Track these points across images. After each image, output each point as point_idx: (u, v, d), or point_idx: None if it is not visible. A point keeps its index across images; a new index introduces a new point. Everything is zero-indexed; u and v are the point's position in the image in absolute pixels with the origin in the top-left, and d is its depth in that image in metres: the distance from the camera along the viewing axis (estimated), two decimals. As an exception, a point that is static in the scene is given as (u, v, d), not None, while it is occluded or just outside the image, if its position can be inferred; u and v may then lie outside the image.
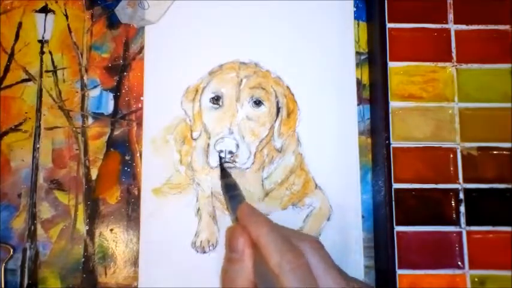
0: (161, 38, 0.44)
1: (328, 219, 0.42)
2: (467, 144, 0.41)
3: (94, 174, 0.42)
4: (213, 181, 0.42)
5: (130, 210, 0.42)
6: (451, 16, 0.43)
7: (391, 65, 0.42)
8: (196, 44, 0.44)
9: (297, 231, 0.34)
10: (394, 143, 0.41)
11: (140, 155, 0.43)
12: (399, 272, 0.39)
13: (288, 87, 0.44)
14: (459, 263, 0.40)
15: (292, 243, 0.29)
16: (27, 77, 0.44)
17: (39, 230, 0.41)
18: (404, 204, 0.40)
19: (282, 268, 0.28)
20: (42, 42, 0.44)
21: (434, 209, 0.41)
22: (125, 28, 0.45)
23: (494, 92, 0.42)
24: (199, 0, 0.45)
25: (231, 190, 0.35)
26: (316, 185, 0.43)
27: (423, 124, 0.42)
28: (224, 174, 0.38)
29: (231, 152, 0.41)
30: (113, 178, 0.42)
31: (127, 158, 0.43)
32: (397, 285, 0.39)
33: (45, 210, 0.42)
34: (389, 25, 0.43)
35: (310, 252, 0.29)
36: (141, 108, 0.43)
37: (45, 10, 0.45)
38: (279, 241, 0.29)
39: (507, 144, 0.41)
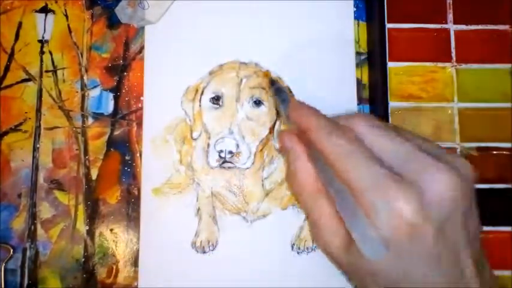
0: (161, 38, 0.44)
1: (328, 219, 0.42)
2: (467, 145, 0.41)
3: (94, 174, 0.42)
4: (213, 181, 0.42)
5: (130, 210, 0.42)
6: (450, 16, 0.43)
7: (391, 65, 0.42)
8: (196, 44, 0.44)
9: (348, 115, 0.30)
10: (394, 143, 0.41)
11: (140, 155, 0.43)
12: (399, 272, 0.39)
13: (288, 87, 0.44)
14: (459, 262, 0.40)
15: (340, 123, 0.28)
16: (27, 77, 0.44)
17: (39, 230, 0.41)
18: (404, 204, 0.40)
19: (334, 153, 0.26)
20: (42, 42, 0.44)
21: (434, 209, 0.41)
22: (125, 28, 0.45)
23: (493, 92, 0.42)
24: (199, 0, 0.45)
25: (281, 93, 0.38)
26: (316, 185, 0.43)
27: (423, 124, 0.42)
28: (273, 82, 0.41)
29: (231, 152, 0.41)
30: (113, 178, 0.42)
31: (127, 158, 0.43)
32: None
33: (45, 210, 0.42)
34: (389, 25, 0.43)
35: (362, 122, 0.27)
36: (141, 108, 0.43)
37: (45, 10, 0.45)
38: (328, 125, 0.27)
39: (507, 144, 0.41)
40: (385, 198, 0.24)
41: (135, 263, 0.41)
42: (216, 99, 0.43)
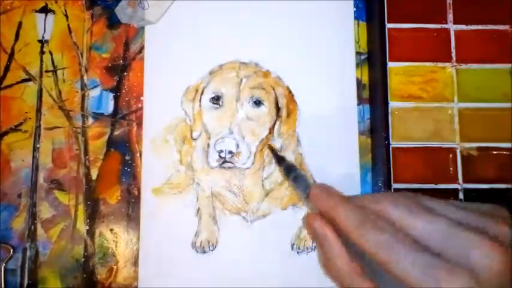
0: (161, 38, 0.44)
1: (328, 219, 0.42)
2: (467, 144, 0.41)
3: (94, 174, 0.42)
4: (213, 181, 0.42)
5: (130, 210, 0.42)
6: (450, 16, 0.43)
7: (391, 65, 0.42)
8: (196, 44, 0.44)
9: (373, 195, 0.30)
10: (394, 143, 0.41)
11: (140, 155, 0.43)
12: (399, 271, 0.39)
13: (288, 87, 0.44)
14: (459, 262, 0.40)
15: (371, 209, 0.27)
16: (27, 77, 0.44)
17: (39, 230, 0.41)
18: (404, 204, 0.40)
19: (373, 246, 0.25)
20: (42, 42, 0.44)
21: (434, 209, 0.41)
22: (125, 28, 0.45)
23: (493, 92, 0.42)
24: (199, 0, 0.45)
25: (292, 171, 0.35)
26: (316, 185, 0.43)
27: (423, 124, 0.42)
28: (279, 158, 0.39)
29: (231, 152, 0.41)
30: (113, 178, 0.42)
31: (127, 158, 0.43)
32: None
33: (45, 210, 0.42)
34: (389, 25, 0.43)
35: (391, 207, 0.27)
36: (141, 108, 0.43)
37: (45, 10, 0.45)
38: (357, 215, 0.27)
39: (507, 144, 0.41)
40: (440, 286, 0.23)
41: (135, 263, 0.41)
42: (216, 99, 0.43)
